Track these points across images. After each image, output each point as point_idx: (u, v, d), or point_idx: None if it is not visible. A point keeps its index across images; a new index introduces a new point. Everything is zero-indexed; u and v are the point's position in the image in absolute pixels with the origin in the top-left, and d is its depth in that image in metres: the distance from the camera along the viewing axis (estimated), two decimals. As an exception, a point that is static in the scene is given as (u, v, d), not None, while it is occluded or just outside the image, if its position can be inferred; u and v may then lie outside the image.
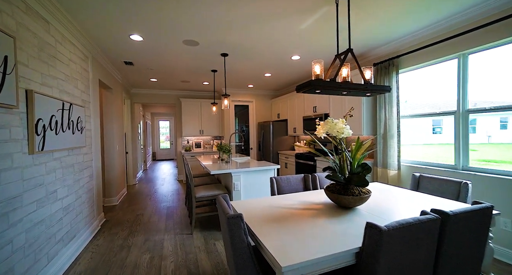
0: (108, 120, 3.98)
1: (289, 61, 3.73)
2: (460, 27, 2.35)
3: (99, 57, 3.15)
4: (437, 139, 3.16)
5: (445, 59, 2.58)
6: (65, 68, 2.17)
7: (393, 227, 1.02)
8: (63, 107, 2.02)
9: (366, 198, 1.58)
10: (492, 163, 2.42)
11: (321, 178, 2.37)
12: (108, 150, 3.97)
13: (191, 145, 6.20)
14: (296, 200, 1.84)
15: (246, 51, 3.24)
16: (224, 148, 3.41)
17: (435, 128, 3.19)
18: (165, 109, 9.27)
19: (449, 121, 3.16)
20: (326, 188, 1.75)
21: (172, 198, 4.47)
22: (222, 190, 2.93)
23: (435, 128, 3.19)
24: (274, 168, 3.08)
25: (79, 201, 2.41)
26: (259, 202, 1.79)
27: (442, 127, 3.18)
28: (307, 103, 4.73)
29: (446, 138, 3.17)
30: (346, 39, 2.66)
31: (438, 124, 3.17)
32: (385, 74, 3.12)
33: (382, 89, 1.83)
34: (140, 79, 4.76)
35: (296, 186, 2.30)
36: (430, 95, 2.92)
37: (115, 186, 4.02)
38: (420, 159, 2.98)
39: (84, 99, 2.66)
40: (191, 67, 3.92)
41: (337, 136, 1.63)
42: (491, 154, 2.55)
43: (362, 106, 3.36)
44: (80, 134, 2.41)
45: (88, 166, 2.75)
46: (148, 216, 3.48)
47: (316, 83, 1.63)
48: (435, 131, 3.20)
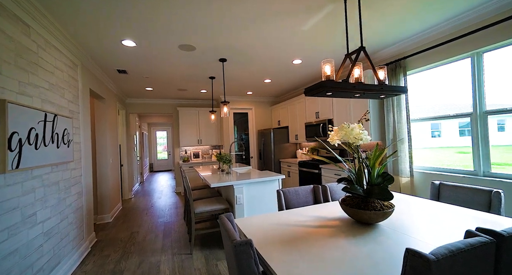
0: (101, 132, 3.77)
1: (290, 66, 3.59)
2: (473, 24, 2.22)
3: (90, 65, 2.98)
4: (436, 142, 3.03)
5: (456, 59, 2.44)
6: (49, 76, 1.99)
7: (442, 255, 0.82)
8: (46, 118, 1.82)
9: (389, 213, 1.37)
10: (504, 166, 2.31)
11: (332, 189, 2.16)
12: (101, 164, 3.74)
13: (189, 156, 5.97)
14: (308, 216, 1.63)
15: (245, 56, 3.10)
16: (225, 158, 3.20)
17: (434, 132, 3.06)
18: (162, 119, 9.08)
19: (447, 124, 3.03)
20: (342, 201, 1.55)
21: (170, 212, 4.21)
22: (223, 204, 2.70)
23: (434, 131, 3.06)
24: (279, 178, 2.87)
25: (64, 223, 2.17)
26: (267, 219, 1.57)
27: (440, 130, 3.06)
28: (309, 109, 4.58)
29: (445, 141, 3.04)
30: (353, 39, 2.53)
31: (436, 127, 3.05)
32: (392, 76, 2.98)
33: (398, 90, 1.67)
34: (135, 89, 4.60)
35: (305, 198, 2.08)
36: (440, 97, 2.77)
37: (108, 202, 3.76)
38: (431, 164, 2.80)
39: (72, 110, 2.46)
40: (188, 74, 3.76)
41: (354, 143, 1.44)
42: (495, 157, 2.45)
43: (369, 110, 3.20)
44: (66, 147, 2.20)
45: (77, 182, 2.52)
46: (143, 234, 3.22)
47: (328, 84, 1.46)
48: (434, 135, 3.07)
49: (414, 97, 2.94)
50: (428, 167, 2.80)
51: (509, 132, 2.43)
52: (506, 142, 2.48)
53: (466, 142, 2.91)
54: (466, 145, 2.90)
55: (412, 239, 1.20)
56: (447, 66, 2.60)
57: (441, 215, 1.53)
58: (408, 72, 2.90)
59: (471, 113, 2.33)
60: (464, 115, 2.41)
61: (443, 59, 2.50)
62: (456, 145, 2.95)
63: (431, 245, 1.12)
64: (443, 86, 2.71)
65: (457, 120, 2.72)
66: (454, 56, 2.40)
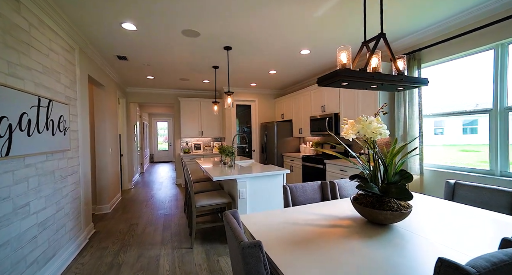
0: (100, 120, 3.66)
1: (298, 56, 3.43)
2: (498, 13, 2.06)
3: (88, 49, 2.83)
4: (438, 140, 2.92)
5: (477, 51, 2.29)
6: (44, 59, 1.86)
7: (484, 268, 0.71)
8: (39, 103, 1.71)
9: (407, 214, 1.27)
10: None
11: (341, 186, 2.06)
12: (100, 153, 3.64)
13: (190, 147, 5.88)
14: (317, 214, 1.53)
15: (251, 44, 2.94)
16: (227, 150, 3.10)
17: (436, 129, 2.95)
18: (163, 109, 8.96)
19: (449, 122, 2.91)
20: (353, 199, 1.45)
21: (170, 204, 4.15)
22: (225, 198, 2.62)
23: (436, 129, 2.94)
24: (283, 173, 2.77)
25: (61, 213, 2.09)
26: (274, 217, 1.48)
27: (443, 128, 2.95)
28: (314, 102, 4.44)
29: (447, 139, 2.93)
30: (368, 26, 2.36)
31: (439, 125, 2.93)
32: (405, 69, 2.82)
33: (419, 81, 1.53)
34: (135, 77, 4.45)
35: (312, 195, 1.99)
36: (455, 91, 2.62)
37: (107, 192, 3.69)
38: (437, 162, 2.70)
39: (69, 96, 2.34)
40: (191, 62, 3.61)
41: (372, 137, 1.33)
42: None
43: (378, 104, 3.07)
44: (63, 135, 2.09)
45: (74, 172, 2.43)
46: (143, 226, 3.16)
47: (344, 73, 1.33)
48: (436, 132, 2.95)
49: (427, 91, 2.80)
50: (438, 165, 2.69)
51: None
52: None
53: (469, 140, 2.80)
54: (468, 144, 2.80)
55: (433, 243, 1.10)
56: (465, 59, 2.44)
57: (460, 216, 1.43)
58: (422, 65, 2.74)
59: (490, 109, 2.19)
60: (482, 111, 2.28)
61: (463, 51, 2.35)
62: (459, 143, 2.85)
63: (458, 252, 1.02)
64: (459, 80, 2.57)
65: (463, 117, 2.57)
66: (475, 47, 2.25)
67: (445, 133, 2.98)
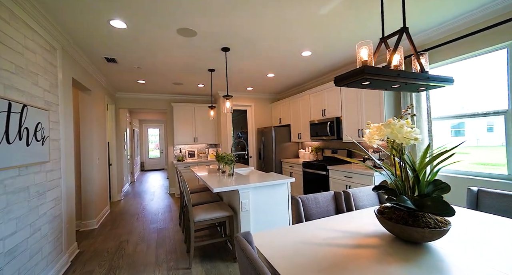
0: (86, 128, 3.37)
1: (298, 58, 3.29)
2: (509, 12, 1.98)
3: (72, 50, 2.59)
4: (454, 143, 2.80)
5: (489, 50, 2.20)
6: (16, 57, 1.61)
7: None
8: (10, 109, 1.45)
9: (446, 231, 1.09)
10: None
11: (356, 196, 1.88)
12: (86, 163, 3.34)
13: (184, 155, 5.60)
14: (337, 230, 1.34)
15: (250, 45, 2.77)
16: (226, 158, 2.88)
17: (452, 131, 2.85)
18: (154, 115, 8.64)
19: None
20: (379, 213, 1.27)
21: (164, 216, 3.85)
22: (226, 211, 2.38)
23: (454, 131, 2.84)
24: (288, 181, 2.57)
25: (36, 236, 1.80)
26: (289, 236, 1.27)
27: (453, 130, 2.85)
28: (314, 106, 4.30)
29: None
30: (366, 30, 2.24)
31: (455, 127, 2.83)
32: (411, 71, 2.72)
33: (444, 80, 1.39)
34: (125, 81, 4.19)
35: (326, 207, 1.79)
36: (464, 93, 2.53)
37: (94, 206, 3.37)
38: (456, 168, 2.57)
39: (49, 101, 2.08)
40: (186, 65, 3.40)
41: (404, 143, 1.16)
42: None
43: (384, 107, 2.95)
44: (40, 145, 1.83)
45: (54, 186, 2.14)
46: (134, 243, 2.86)
47: (369, 70, 1.16)
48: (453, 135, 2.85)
49: (435, 93, 2.70)
50: (454, 170, 2.56)
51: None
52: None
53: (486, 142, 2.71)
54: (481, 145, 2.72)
55: (480, 265, 0.92)
56: (474, 59, 2.36)
57: (498, 230, 1.26)
58: (430, 66, 2.65)
59: (506, 111, 2.09)
60: (496, 113, 2.18)
61: (474, 51, 2.26)
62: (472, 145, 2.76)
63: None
64: (470, 81, 2.48)
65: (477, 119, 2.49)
66: (487, 47, 2.16)
67: (466, 134, 2.85)
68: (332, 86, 3.79)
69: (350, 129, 3.51)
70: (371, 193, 1.96)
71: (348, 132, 3.55)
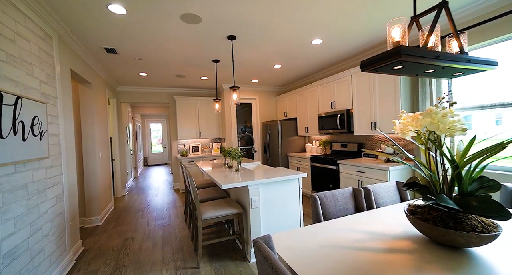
0: (88, 122, 3.25)
1: (308, 47, 3.11)
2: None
3: (69, 39, 2.44)
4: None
5: (521, 34, 2.02)
6: (7, 44, 1.47)
7: None
8: (1, 100, 1.33)
9: (496, 236, 0.96)
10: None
11: (376, 193, 1.75)
12: (88, 159, 3.24)
13: (187, 149, 5.49)
14: (361, 231, 1.22)
15: (258, 33, 2.60)
16: (233, 153, 2.75)
17: None
18: (156, 110, 8.51)
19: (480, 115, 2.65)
20: (410, 213, 1.14)
21: (169, 212, 3.77)
22: (235, 208, 2.27)
23: None
24: (299, 177, 2.45)
25: (37, 236, 1.70)
26: (310, 237, 1.16)
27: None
28: (323, 98, 4.13)
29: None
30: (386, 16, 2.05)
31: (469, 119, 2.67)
32: None
33: (487, 62, 1.23)
34: (126, 73, 4.04)
35: (344, 205, 1.67)
36: (493, 81, 2.35)
37: (98, 203, 3.29)
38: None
39: (47, 93, 1.95)
40: (190, 55, 3.24)
41: (447, 135, 1.01)
42: None
43: (399, 97, 2.78)
44: (38, 140, 1.71)
45: (55, 183, 2.04)
46: (139, 240, 2.78)
47: (407, 51, 1.01)
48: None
49: (458, 81, 2.52)
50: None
51: None
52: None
53: None
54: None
55: None
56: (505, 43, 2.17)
57: (549, 233, 1.13)
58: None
59: (538, 100, 1.92)
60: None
61: (507, 33, 2.07)
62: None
63: None
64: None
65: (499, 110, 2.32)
66: (520, 30, 1.97)
67: (473, 128, 2.71)
68: (342, 77, 3.61)
69: (361, 122, 3.35)
70: (392, 190, 1.83)
71: (359, 125, 3.39)
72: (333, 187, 3.57)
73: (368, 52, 3.36)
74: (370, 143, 3.59)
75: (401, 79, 2.77)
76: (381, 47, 3.15)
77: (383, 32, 2.70)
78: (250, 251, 2.22)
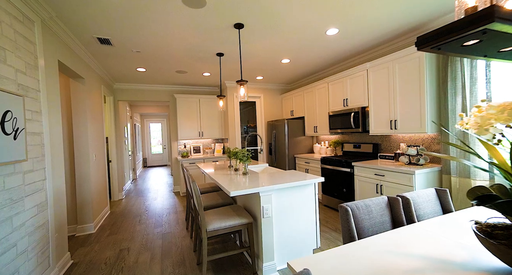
0: (80, 121, 2.98)
1: (321, 38, 2.83)
2: None
3: (55, 26, 2.16)
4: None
5: None
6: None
7: None
8: (-44, 88, 1.05)
9: None
10: None
11: (415, 203, 1.47)
12: (81, 161, 2.96)
13: (188, 150, 5.21)
14: (415, 256, 0.94)
15: (268, 21, 2.32)
16: (240, 154, 2.47)
17: None
18: (156, 109, 8.24)
19: None
20: (486, 236, 0.86)
21: (168, 218, 3.49)
22: (244, 217, 1.99)
23: None
24: (315, 181, 2.16)
25: (9, 255, 1.42)
26: (351, 264, 0.87)
27: None
28: (334, 96, 3.85)
29: None
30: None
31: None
32: None
33: None
34: (123, 69, 3.76)
35: (380, 217, 1.39)
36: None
37: (91, 208, 3.01)
38: None
39: (25, 85, 1.67)
40: (192, 48, 2.96)
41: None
42: None
43: (425, 93, 2.50)
44: (11, 140, 1.43)
45: (37, 190, 1.76)
46: (136, 251, 2.50)
47: (504, 15, 0.73)
48: None
49: (498, 70, 2.23)
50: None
51: None
52: None
53: None
54: None
55: None
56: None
57: None
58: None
59: None
60: None
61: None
62: None
63: None
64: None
65: None
66: None
67: None
68: (357, 72, 3.33)
69: (379, 121, 3.07)
70: (432, 199, 1.55)
71: (376, 124, 3.11)
72: (347, 191, 3.28)
73: (387, 44, 3.08)
74: (387, 143, 3.31)
75: (428, 72, 2.49)
76: (405, 37, 2.87)
77: (412, 17, 2.41)
78: (262, 266, 1.94)
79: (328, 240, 2.56)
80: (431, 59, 2.51)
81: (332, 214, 3.36)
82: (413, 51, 2.57)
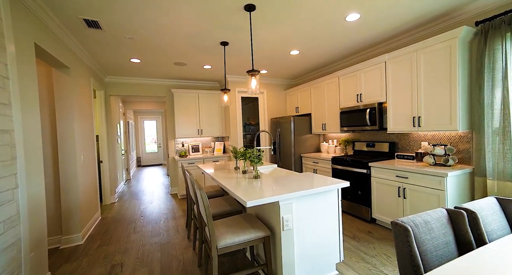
0: (65, 117, 2.61)
1: (339, 25, 2.53)
2: None
3: (31, 2, 1.79)
4: None
5: None
6: None
7: None
8: None
9: None
10: None
11: (482, 217, 1.19)
12: (66, 163, 2.60)
13: (186, 149, 4.86)
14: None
15: (282, 3, 2.00)
16: (251, 155, 2.16)
17: None
18: (151, 105, 7.81)
19: None
20: None
21: (167, 225, 3.15)
22: (260, 229, 1.68)
23: None
24: (338, 187, 1.87)
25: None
26: None
27: None
28: (345, 91, 3.57)
29: None
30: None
31: None
32: (494, 38, 2.02)
33: None
34: (116, 59, 3.38)
35: (443, 237, 1.10)
36: None
37: (78, 216, 2.65)
38: None
39: (-13, 69, 1.31)
40: (193, 34, 2.62)
41: None
42: None
43: (458, 84, 2.24)
44: (-36, 139, 1.08)
45: (5, 201, 1.41)
46: (130, 268, 2.16)
47: None
48: None
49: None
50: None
51: None
52: None
53: None
54: None
55: None
56: None
57: None
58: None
59: None
60: None
61: None
62: None
63: None
64: None
65: None
66: None
67: None
68: (373, 65, 3.05)
69: (399, 118, 2.80)
70: (496, 210, 1.28)
71: (395, 121, 2.84)
72: (362, 194, 3.02)
73: (411, 32, 2.80)
74: (405, 141, 3.05)
75: (460, 62, 2.22)
76: (429, 26, 2.60)
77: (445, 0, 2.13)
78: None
79: (349, 250, 2.29)
80: (463, 48, 2.25)
81: (346, 219, 3.10)
82: (443, 39, 2.30)
